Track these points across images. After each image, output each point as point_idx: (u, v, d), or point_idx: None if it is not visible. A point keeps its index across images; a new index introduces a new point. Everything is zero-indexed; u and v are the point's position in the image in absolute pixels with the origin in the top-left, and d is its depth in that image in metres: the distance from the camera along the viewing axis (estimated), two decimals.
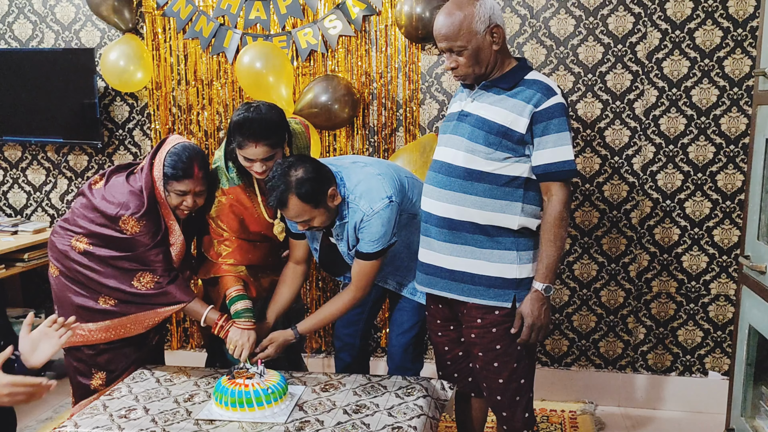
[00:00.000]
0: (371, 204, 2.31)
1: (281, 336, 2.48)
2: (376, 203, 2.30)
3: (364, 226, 2.32)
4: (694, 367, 3.34)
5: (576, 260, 3.34)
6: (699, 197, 3.22)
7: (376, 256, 2.35)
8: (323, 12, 3.34)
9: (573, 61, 3.20)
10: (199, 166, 2.40)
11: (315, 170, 2.25)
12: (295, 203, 2.22)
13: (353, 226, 2.34)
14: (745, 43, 3.07)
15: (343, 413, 2.15)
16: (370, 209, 2.30)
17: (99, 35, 3.59)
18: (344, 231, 2.38)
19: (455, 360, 2.39)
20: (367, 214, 2.30)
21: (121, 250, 2.42)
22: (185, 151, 2.40)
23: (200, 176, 2.40)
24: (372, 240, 2.32)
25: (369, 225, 2.31)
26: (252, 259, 2.58)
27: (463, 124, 2.17)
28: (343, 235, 2.40)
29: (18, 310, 3.69)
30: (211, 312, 2.47)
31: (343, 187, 2.34)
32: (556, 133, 2.09)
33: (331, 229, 2.40)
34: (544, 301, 2.13)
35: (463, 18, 2.08)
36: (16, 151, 3.80)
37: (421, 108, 3.35)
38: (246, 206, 2.51)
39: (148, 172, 2.42)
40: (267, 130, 2.31)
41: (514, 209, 2.13)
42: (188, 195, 2.40)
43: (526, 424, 2.28)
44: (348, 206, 2.34)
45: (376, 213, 2.29)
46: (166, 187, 2.40)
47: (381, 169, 2.40)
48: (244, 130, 2.30)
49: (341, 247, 2.44)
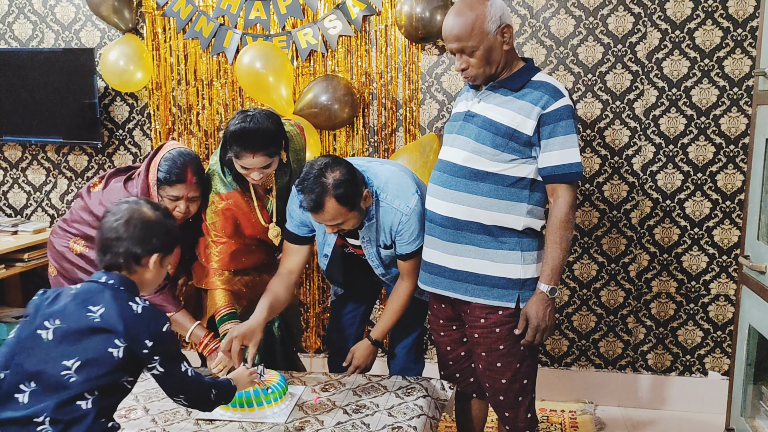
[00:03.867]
0: (407, 202, 2.29)
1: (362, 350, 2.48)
2: (411, 201, 2.29)
3: (403, 228, 2.29)
4: (694, 367, 3.34)
5: (576, 260, 3.34)
6: (699, 197, 3.22)
7: (418, 253, 2.32)
8: (323, 12, 3.34)
9: (573, 61, 3.20)
10: (192, 172, 2.38)
11: (350, 172, 2.20)
12: (332, 206, 2.16)
13: (388, 228, 2.31)
14: (745, 43, 3.07)
15: (343, 413, 2.15)
16: (408, 207, 2.28)
17: (99, 35, 3.59)
18: (373, 232, 2.34)
19: (457, 360, 2.39)
20: (405, 214, 2.28)
21: None
22: (180, 157, 2.38)
23: (194, 182, 2.39)
24: (413, 239, 2.31)
25: (408, 224, 2.29)
26: (246, 263, 2.56)
27: (469, 125, 2.17)
28: (371, 236, 2.35)
29: (18, 310, 3.69)
30: (197, 328, 2.45)
31: (371, 186, 2.30)
32: (563, 136, 2.08)
33: (358, 230, 2.35)
34: (549, 302, 2.13)
35: (475, 18, 2.06)
36: (16, 151, 3.80)
37: (421, 108, 3.35)
38: (243, 211, 2.49)
39: (144, 178, 2.41)
40: (265, 141, 2.29)
41: (519, 210, 2.13)
42: (181, 200, 2.38)
43: (529, 424, 2.28)
44: (379, 205, 2.31)
45: (412, 211, 2.28)
46: (160, 192, 2.38)
47: (397, 167, 2.40)
48: (241, 141, 2.28)
49: (368, 250, 2.39)
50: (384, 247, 2.38)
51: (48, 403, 1.53)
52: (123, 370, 1.59)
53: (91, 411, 1.55)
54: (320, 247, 2.48)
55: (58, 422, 1.53)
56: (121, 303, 1.60)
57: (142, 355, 1.59)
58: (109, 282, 1.64)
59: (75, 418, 1.54)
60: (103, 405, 1.57)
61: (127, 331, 1.57)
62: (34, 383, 1.55)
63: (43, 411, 1.52)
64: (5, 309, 3.68)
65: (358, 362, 2.48)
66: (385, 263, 2.45)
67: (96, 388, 1.56)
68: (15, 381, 1.56)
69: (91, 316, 1.58)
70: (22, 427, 1.52)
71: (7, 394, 1.56)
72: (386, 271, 2.48)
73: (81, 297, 1.61)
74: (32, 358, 1.57)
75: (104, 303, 1.59)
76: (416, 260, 2.34)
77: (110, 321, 1.57)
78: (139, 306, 1.61)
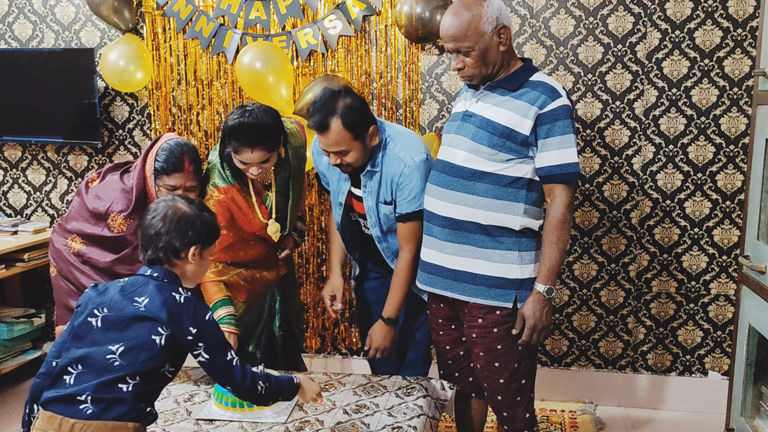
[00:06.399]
0: (412, 156, 2.31)
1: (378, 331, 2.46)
2: (416, 156, 2.31)
3: (404, 181, 2.31)
4: (694, 367, 3.34)
5: (576, 260, 3.34)
6: (699, 197, 3.22)
7: (418, 216, 2.31)
8: (323, 12, 3.34)
9: (573, 61, 3.20)
10: (189, 161, 2.37)
11: (361, 104, 2.28)
12: (338, 129, 2.21)
13: (390, 179, 2.33)
14: (745, 43, 3.07)
15: (343, 413, 2.15)
16: (412, 160, 2.31)
17: (99, 35, 3.59)
18: (375, 182, 2.36)
19: (456, 360, 2.39)
20: (408, 165, 2.30)
21: (110, 251, 2.42)
22: (177, 147, 2.38)
23: (191, 170, 2.38)
24: (412, 196, 2.31)
25: (410, 178, 2.30)
26: (245, 257, 2.56)
27: (467, 125, 2.17)
28: (373, 187, 2.37)
29: (18, 310, 3.69)
30: None
31: (383, 132, 2.34)
32: (560, 135, 2.08)
33: (361, 175, 2.37)
34: (546, 302, 2.13)
35: (471, 19, 2.08)
36: (16, 151, 3.80)
37: (421, 108, 3.35)
38: (241, 206, 2.48)
39: (141, 169, 2.41)
40: (263, 136, 2.29)
41: (516, 210, 2.13)
42: (178, 190, 2.37)
43: (527, 424, 2.28)
44: (385, 154, 2.33)
45: (416, 165, 2.30)
46: (157, 182, 2.38)
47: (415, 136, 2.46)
48: (240, 136, 2.28)
49: (368, 202, 2.41)
50: (384, 203, 2.38)
51: (90, 384, 1.63)
52: (165, 357, 1.67)
53: (131, 394, 1.63)
54: (335, 196, 2.53)
55: (100, 401, 1.62)
56: (164, 293, 1.68)
57: (187, 342, 1.67)
58: (153, 275, 1.73)
59: (115, 398, 1.62)
60: (142, 390, 1.65)
61: (170, 319, 1.65)
62: (81, 366, 1.66)
63: (85, 390, 1.62)
64: (5, 309, 3.68)
65: (376, 344, 2.47)
66: (382, 225, 2.43)
67: (138, 373, 1.64)
68: (65, 364, 1.67)
69: (137, 306, 1.66)
70: (67, 405, 1.63)
71: (57, 377, 1.67)
72: (383, 236, 2.46)
73: (128, 289, 1.70)
74: (82, 343, 1.68)
75: (148, 294, 1.68)
76: (415, 225, 2.33)
77: (154, 310, 1.65)
78: (182, 296, 1.69)
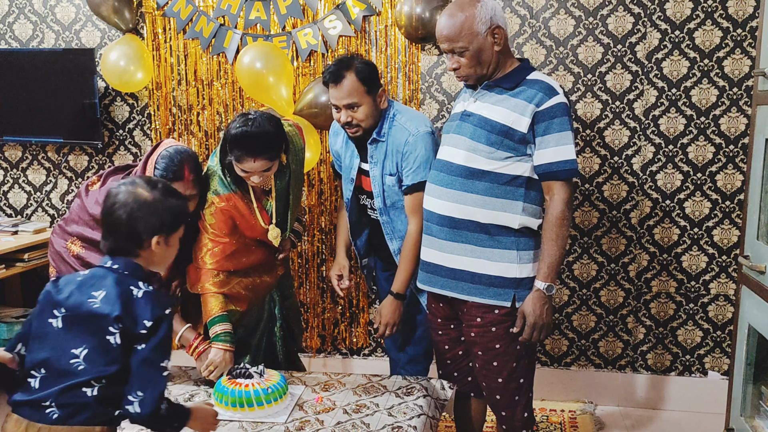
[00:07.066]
0: (418, 127, 2.42)
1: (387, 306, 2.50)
2: (422, 128, 2.42)
3: (408, 150, 2.39)
4: (693, 366, 3.34)
5: (576, 260, 3.34)
6: (699, 197, 3.22)
7: (422, 186, 2.33)
8: (323, 12, 3.34)
9: (573, 61, 3.21)
10: (189, 169, 2.36)
11: (374, 68, 2.47)
12: (351, 80, 2.37)
13: (395, 149, 2.41)
14: (745, 44, 3.08)
15: (343, 413, 2.15)
16: (417, 130, 2.41)
17: (99, 35, 3.59)
18: (381, 152, 2.45)
19: (455, 359, 2.39)
20: (413, 134, 2.39)
21: None
22: (177, 155, 2.36)
23: (190, 179, 2.36)
24: (417, 166, 2.38)
25: (414, 147, 2.38)
26: (246, 263, 2.55)
27: (465, 124, 2.19)
28: (379, 157, 2.46)
29: (18, 310, 3.69)
30: (187, 331, 2.44)
31: (391, 106, 2.48)
32: (557, 133, 2.09)
33: (368, 143, 2.47)
34: (546, 300, 2.13)
35: (465, 19, 2.10)
36: (17, 151, 3.80)
37: (421, 108, 3.36)
38: (242, 213, 2.47)
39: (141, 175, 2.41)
40: (266, 145, 2.29)
41: (515, 208, 2.14)
42: None
43: (526, 423, 2.29)
44: (392, 124, 2.44)
45: (421, 135, 2.40)
46: None
47: None
48: (242, 145, 2.28)
49: (374, 172, 2.48)
50: (390, 174, 2.45)
51: (55, 389, 1.57)
52: (125, 357, 1.58)
53: (96, 398, 1.57)
54: (347, 172, 2.61)
55: (66, 406, 1.57)
56: (121, 287, 1.60)
57: (138, 335, 1.57)
58: (113, 267, 1.64)
59: (80, 403, 1.57)
60: (108, 394, 1.58)
61: (124, 314, 1.56)
62: (45, 370, 1.60)
63: (50, 396, 1.58)
64: (5, 309, 3.68)
65: (386, 319, 2.50)
66: (386, 198, 2.48)
67: (104, 377, 1.57)
68: (30, 367, 1.62)
69: (92, 302, 1.59)
70: (34, 409, 1.59)
71: (21, 379, 1.63)
72: (385, 208, 2.50)
73: (86, 283, 1.63)
74: (44, 345, 1.61)
75: (105, 287, 1.60)
76: (421, 197, 2.34)
77: (108, 305, 1.57)
78: (141, 290, 1.61)
